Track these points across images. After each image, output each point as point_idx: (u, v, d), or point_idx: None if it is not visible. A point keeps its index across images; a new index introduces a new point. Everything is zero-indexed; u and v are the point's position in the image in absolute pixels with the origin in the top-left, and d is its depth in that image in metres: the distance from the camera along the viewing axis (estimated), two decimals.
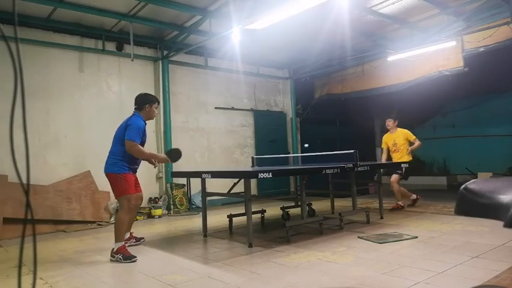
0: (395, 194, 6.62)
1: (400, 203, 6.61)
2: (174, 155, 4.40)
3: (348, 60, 9.16)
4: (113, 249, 3.96)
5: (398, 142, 6.75)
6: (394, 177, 6.55)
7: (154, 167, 4.63)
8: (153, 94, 4.47)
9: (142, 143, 4.14)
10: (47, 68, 6.64)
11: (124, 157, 4.05)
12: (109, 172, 4.09)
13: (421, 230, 4.76)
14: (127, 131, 4.01)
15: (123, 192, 4.03)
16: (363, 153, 6.60)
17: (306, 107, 10.82)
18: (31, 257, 1.16)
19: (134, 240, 4.61)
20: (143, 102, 4.26)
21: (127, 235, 4.41)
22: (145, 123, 4.22)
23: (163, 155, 4.53)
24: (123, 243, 4.00)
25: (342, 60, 9.22)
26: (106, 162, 4.14)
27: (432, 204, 7.09)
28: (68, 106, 6.84)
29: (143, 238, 4.81)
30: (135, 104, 4.31)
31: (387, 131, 7.05)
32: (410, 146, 6.69)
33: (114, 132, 4.25)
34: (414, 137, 6.72)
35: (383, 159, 7.07)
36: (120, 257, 3.87)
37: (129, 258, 3.89)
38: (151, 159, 4.36)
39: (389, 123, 6.87)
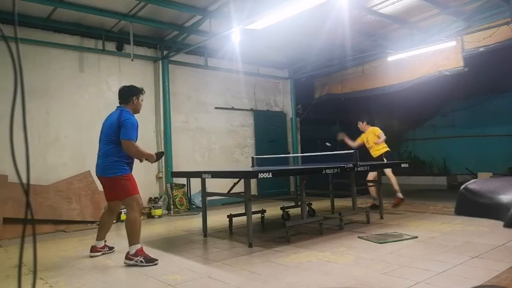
0: (394, 184, 6.59)
1: (400, 195, 6.56)
2: (159, 154, 4.23)
3: (348, 60, 9.16)
4: (128, 252, 3.73)
5: (369, 139, 6.93)
6: (387, 170, 6.60)
7: (140, 161, 4.10)
8: (142, 88, 4.19)
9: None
10: (47, 68, 6.65)
11: (120, 157, 3.83)
12: (107, 176, 3.85)
13: (421, 230, 4.76)
14: (122, 130, 3.76)
15: (129, 193, 3.83)
16: (363, 154, 6.62)
17: (306, 107, 10.82)
18: (31, 257, 1.15)
19: (107, 249, 4.27)
20: (130, 94, 4.05)
21: (102, 243, 4.20)
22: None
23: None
24: (140, 245, 3.78)
25: (342, 60, 9.22)
26: (99, 165, 3.93)
27: (432, 204, 7.10)
28: (68, 106, 6.84)
29: (113, 247, 4.36)
30: (120, 97, 4.08)
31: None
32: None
33: None
34: (380, 131, 6.83)
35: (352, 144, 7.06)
36: (141, 259, 3.67)
37: (151, 261, 3.70)
38: (147, 157, 4.01)
39: (360, 124, 7.07)
